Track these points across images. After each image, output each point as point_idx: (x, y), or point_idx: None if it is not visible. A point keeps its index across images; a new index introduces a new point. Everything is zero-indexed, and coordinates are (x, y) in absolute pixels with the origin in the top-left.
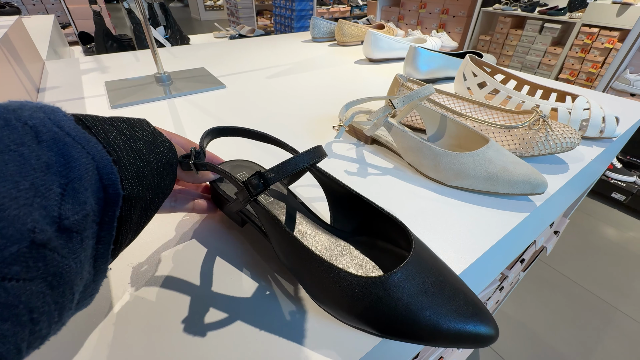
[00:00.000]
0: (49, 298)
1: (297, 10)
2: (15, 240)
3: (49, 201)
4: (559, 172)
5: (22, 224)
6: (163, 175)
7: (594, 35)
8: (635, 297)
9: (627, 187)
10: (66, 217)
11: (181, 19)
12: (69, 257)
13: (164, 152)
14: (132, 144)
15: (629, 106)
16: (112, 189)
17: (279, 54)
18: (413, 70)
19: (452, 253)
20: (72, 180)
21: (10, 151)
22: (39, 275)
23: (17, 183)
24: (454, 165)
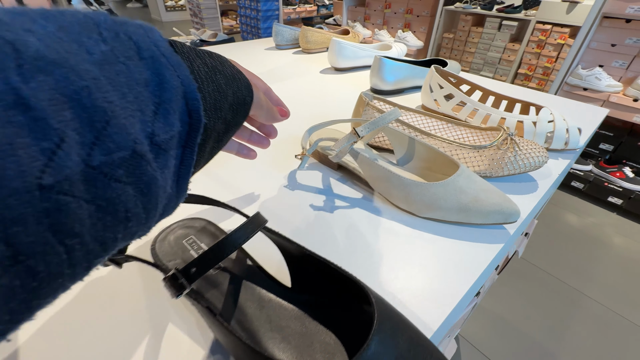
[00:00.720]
0: (139, 202)
1: (262, 10)
2: (122, 146)
3: (146, 117)
4: (529, 190)
5: (127, 133)
6: (237, 112)
7: (547, 31)
8: (598, 280)
9: (584, 175)
10: (157, 135)
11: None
12: (157, 170)
13: (241, 89)
14: (213, 76)
15: (585, 110)
16: (195, 115)
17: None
18: (379, 81)
19: (427, 305)
20: (164, 101)
21: (119, 63)
22: (135, 181)
23: (125, 94)
24: (424, 196)
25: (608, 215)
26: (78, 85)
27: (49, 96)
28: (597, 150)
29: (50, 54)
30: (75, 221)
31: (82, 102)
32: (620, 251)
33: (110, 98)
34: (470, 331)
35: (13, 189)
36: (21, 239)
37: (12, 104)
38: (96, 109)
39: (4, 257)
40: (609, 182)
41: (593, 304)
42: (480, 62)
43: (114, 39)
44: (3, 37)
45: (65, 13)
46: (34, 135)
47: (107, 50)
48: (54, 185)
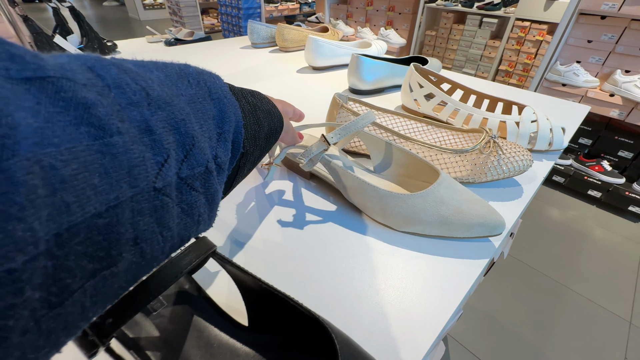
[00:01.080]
0: (206, 209)
1: (243, 8)
2: (200, 163)
3: (212, 142)
4: (513, 196)
5: (204, 154)
6: (269, 140)
7: (526, 28)
8: (580, 273)
9: (565, 169)
10: (219, 157)
11: (118, 19)
12: (219, 184)
13: (275, 121)
14: (254, 112)
15: (567, 108)
16: (236, 145)
17: (214, 63)
18: (357, 80)
19: (404, 341)
20: (224, 131)
21: (199, 102)
22: (205, 191)
23: (202, 125)
24: (402, 208)
25: (588, 208)
26: (179, 118)
27: (163, 125)
28: (577, 144)
29: (164, 95)
30: (170, 218)
31: (180, 130)
32: (601, 243)
33: (195, 128)
34: (458, 330)
35: (142, 188)
36: (140, 226)
37: (144, 130)
38: (187, 135)
39: (130, 238)
40: (589, 175)
41: (577, 297)
42: (462, 59)
43: (197, 85)
44: (140, 84)
45: (167, 65)
46: (153, 152)
47: (193, 93)
48: (162, 189)
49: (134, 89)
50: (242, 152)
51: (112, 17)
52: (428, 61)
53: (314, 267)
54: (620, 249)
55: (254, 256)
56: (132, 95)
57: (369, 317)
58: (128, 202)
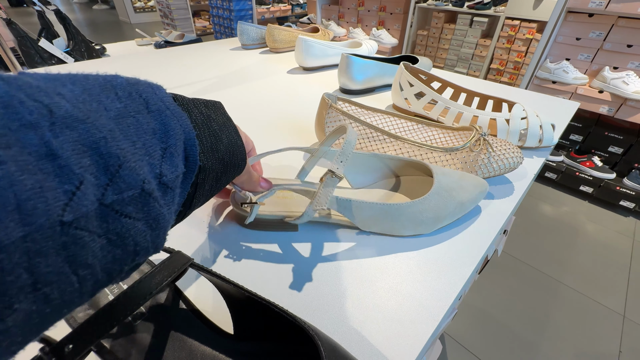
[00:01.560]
0: (148, 236)
1: (235, 10)
2: (132, 186)
3: (154, 160)
4: (505, 194)
5: (137, 174)
6: (233, 154)
7: (516, 27)
8: (573, 268)
9: (557, 166)
10: (165, 175)
11: (108, 23)
12: (164, 207)
13: (232, 133)
14: (208, 123)
15: (557, 104)
16: (192, 158)
17: (204, 65)
18: (348, 80)
19: (396, 344)
20: (170, 146)
21: (130, 117)
22: (144, 217)
23: (135, 142)
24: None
25: (580, 204)
26: (97, 136)
27: (73, 147)
28: (568, 141)
29: (76, 112)
30: (88, 253)
31: (100, 150)
32: (593, 238)
33: (122, 146)
34: (454, 328)
35: (39, 225)
36: (41, 269)
37: (44, 155)
38: (110, 155)
39: (25, 284)
40: (580, 171)
41: (570, 291)
42: (454, 58)
43: (127, 98)
44: (41, 101)
45: (89, 77)
46: (58, 180)
47: (121, 107)
48: (72, 222)
49: (31, 107)
50: (199, 165)
51: (102, 20)
52: (418, 60)
53: (300, 273)
54: (612, 243)
55: (237, 264)
56: (27, 114)
57: (359, 321)
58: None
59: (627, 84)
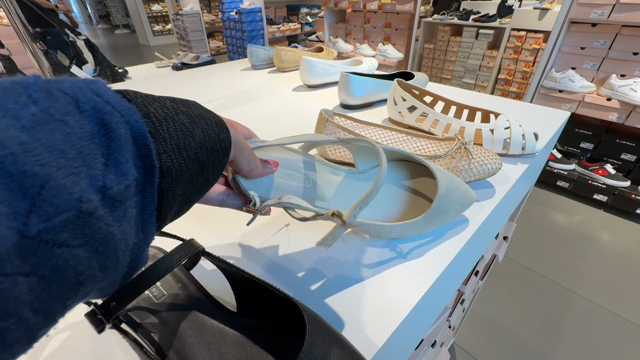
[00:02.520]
0: (94, 262)
1: (247, 31)
2: (64, 209)
3: (95, 171)
4: (487, 197)
5: (69, 193)
6: (212, 150)
7: (522, 37)
8: (587, 278)
9: (569, 174)
10: (110, 187)
11: (129, 46)
12: (113, 224)
13: (211, 126)
14: (175, 116)
15: (551, 114)
16: (148, 160)
17: (217, 85)
18: (347, 96)
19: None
20: (114, 150)
21: (55, 120)
22: (86, 242)
23: (63, 152)
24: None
25: (595, 212)
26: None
27: None
28: (579, 149)
29: None
30: (9, 301)
31: (7, 170)
32: (608, 247)
33: (44, 160)
34: (464, 338)
35: None
36: None
37: None
38: (25, 174)
39: None
40: (593, 179)
41: (584, 301)
42: (462, 69)
43: (47, 98)
44: None
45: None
46: None
47: (38, 111)
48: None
49: None
50: (159, 167)
51: (124, 44)
52: (414, 76)
53: (294, 262)
54: (629, 252)
55: (242, 253)
56: None
57: (343, 302)
58: None
59: (636, 91)
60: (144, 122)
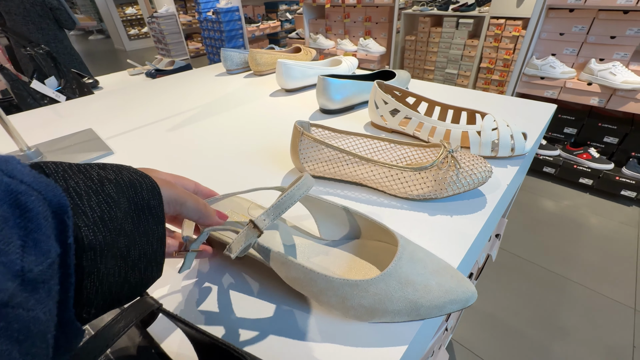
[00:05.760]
0: (15, 353)
1: (225, 31)
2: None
3: (10, 256)
4: (477, 207)
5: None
6: (140, 219)
7: (501, 25)
8: (579, 263)
9: (554, 160)
10: (30, 270)
11: (104, 52)
12: (36, 308)
13: (141, 193)
14: (99, 187)
15: (536, 108)
16: (63, 235)
17: (189, 94)
18: (326, 101)
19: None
20: (31, 230)
21: None
22: (1, 334)
23: None
24: (363, 299)
25: (581, 196)
26: None
27: None
28: (563, 134)
29: None
30: None
31: None
32: (597, 230)
33: None
34: (462, 334)
35: None
36: None
37: None
38: None
39: None
40: (578, 164)
41: (578, 288)
42: (444, 60)
43: None
44: None
45: None
46: None
47: None
48: None
49: None
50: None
51: (99, 50)
52: (395, 75)
53: (261, 321)
54: (617, 234)
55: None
56: None
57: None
58: None
59: (615, 75)
60: (64, 196)
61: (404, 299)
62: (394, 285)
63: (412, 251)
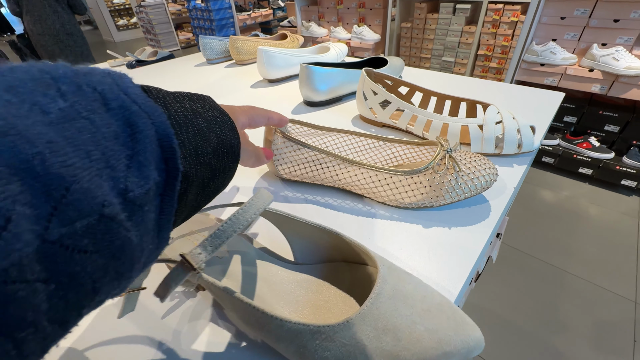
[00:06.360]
0: (110, 269)
1: (216, 20)
2: (87, 213)
3: (117, 172)
4: (480, 217)
5: (93, 197)
6: (224, 155)
7: (500, 10)
8: (578, 255)
9: (553, 150)
10: (131, 190)
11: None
12: (131, 229)
13: (225, 131)
14: (194, 119)
15: (541, 97)
16: (172, 163)
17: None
18: (310, 92)
19: None
20: (138, 152)
21: (82, 118)
22: (104, 247)
23: (89, 152)
24: (327, 350)
25: (581, 187)
26: (28, 153)
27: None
28: (562, 123)
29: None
30: (27, 310)
31: (34, 171)
32: (596, 221)
33: (70, 161)
34: None
35: None
36: None
37: None
38: (51, 176)
39: None
40: (578, 153)
41: (578, 281)
42: (441, 47)
43: (75, 93)
44: None
45: (16, 69)
46: None
47: (67, 107)
48: None
49: None
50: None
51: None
52: (388, 62)
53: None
54: (617, 225)
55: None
56: None
57: None
58: None
59: (618, 60)
60: (169, 124)
61: (380, 352)
62: (369, 332)
63: (396, 283)
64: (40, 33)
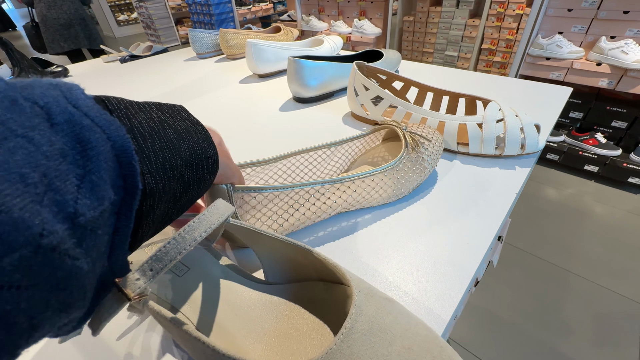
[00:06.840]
0: (54, 301)
1: (215, 14)
2: (18, 246)
3: (64, 195)
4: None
5: (27, 227)
6: (198, 167)
7: (504, 3)
8: (582, 255)
9: (558, 146)
10: (82, 214)
11: None
12: (80, 257)
13: (198, 142)
14: (161, 131)
15: (548, 92)
16: (130, 180)
17: (153, 81)
18: (300, 87)
19: None
20: (90, 171)
21: (17, 137)
22: (43, 280)
23: (24, 176)
24: None
25: (586, 184)
26: None
27: None
28: (568, 119)
29: None
30: None
31: None
32: (602, 220)
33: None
34: (459, 332)
35: None
36: None
37: None
38: None
39: None
40: (583, 150)
41: (581, 281)
42: (444, 41)
43: (8, 109)
44: None
45: None
46: None
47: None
48: None
49: None
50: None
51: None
52: (383, 55)
53: None
54: (623, 224)
55: None
56: None
57: None
58: None
59: (627, 54)
60: (128, 138)
61: None
62: None
63: (374, 314)
64: (56, 17)
